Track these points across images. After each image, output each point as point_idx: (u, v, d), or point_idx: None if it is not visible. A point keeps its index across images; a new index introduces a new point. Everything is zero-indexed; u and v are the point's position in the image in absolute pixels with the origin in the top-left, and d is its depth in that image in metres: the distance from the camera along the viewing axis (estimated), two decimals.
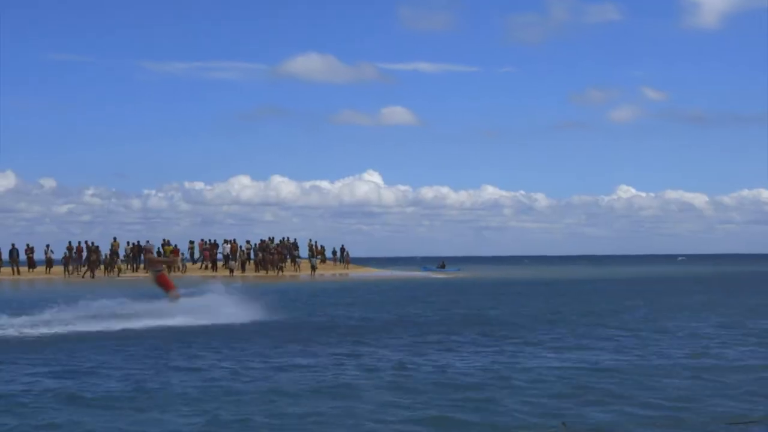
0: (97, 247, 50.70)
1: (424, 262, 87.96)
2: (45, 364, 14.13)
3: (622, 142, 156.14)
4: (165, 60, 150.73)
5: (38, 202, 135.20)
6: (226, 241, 53.34)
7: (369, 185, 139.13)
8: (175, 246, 51.97)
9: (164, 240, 52.15)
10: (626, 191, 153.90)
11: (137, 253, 50.28)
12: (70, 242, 50.39)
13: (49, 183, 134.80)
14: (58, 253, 50.83)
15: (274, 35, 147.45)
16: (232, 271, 51.54)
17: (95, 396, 11.28)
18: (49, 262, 51.43)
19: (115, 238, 51.23)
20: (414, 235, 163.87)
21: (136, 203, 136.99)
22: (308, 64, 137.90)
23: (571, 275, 61.33)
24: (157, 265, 24.20)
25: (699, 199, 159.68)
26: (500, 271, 70.83)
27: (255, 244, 54.73)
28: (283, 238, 54.49)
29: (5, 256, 50.28)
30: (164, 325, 20.12)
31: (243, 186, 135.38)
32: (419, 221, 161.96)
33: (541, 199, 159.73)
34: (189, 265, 52.35)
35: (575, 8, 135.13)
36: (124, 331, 19.18)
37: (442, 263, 74.62)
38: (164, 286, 23.22)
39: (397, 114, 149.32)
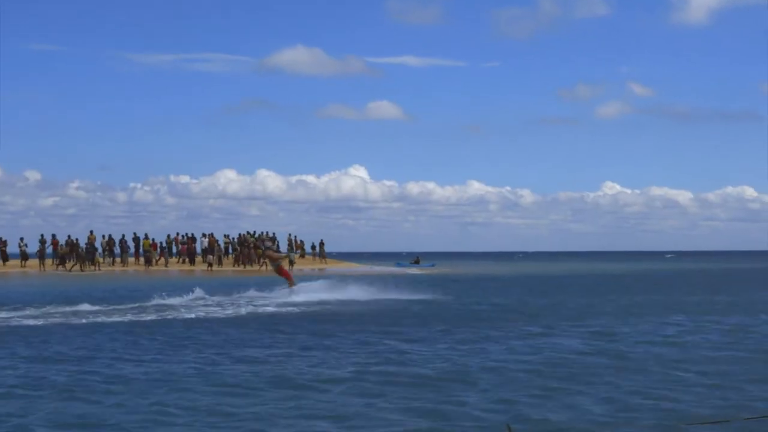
0: (77, 239, 50.23)
1: (404, 258, 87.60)
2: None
3: (609, 139, 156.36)
4: (151, 52, 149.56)
5: (23, 195, 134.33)
6: (204, 235, 52.92)
7: (355, 180, 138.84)
8: (153, 240, 51.49)
9: (145, 234, 51.91)
10: (611, 188, 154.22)
11: (113, 245, 49.81)
12: (42, 235, 49.68)
13: (33, 176, 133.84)
14: (32, 247, 50.30)
15: (262, 28, 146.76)
16: (210, 265, 51.16)
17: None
18: (23, 256, 50.82)
19: (91, 232, 50.69)
20: (400, 230, 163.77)
21: (121, 197, 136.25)
22: (295, 57, 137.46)
23: (555, 271, 61.15)
24: (277, 260, 30.02)
25: (683, 196, 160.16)
26: (480, 267, 70.51)
27: (234, 239, 54.31)
28: (263, 233, 53.98)
29: None
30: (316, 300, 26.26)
31: (229, 180, 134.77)
32: (405, 216, 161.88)
33: (527, 195, 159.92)
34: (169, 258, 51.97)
35: (564, 3, 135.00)
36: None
37: (416, 259, 74.39)
38: (284, 275, 29.04)
39: (384, 108, 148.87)
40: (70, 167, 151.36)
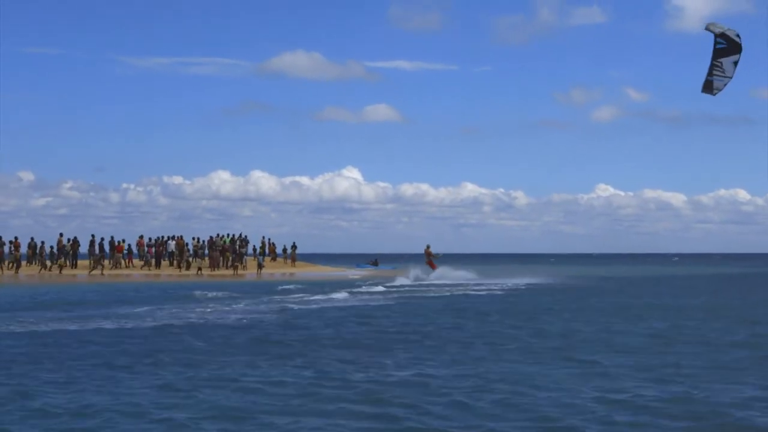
0: (43, 242, 49.21)
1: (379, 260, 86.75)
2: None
3: (602, 142, 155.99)
4: (149, 55, 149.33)
5: (15, 195, 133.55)
6: (171, 238, 51.79)
7: (349, 181, 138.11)
8: (119, 242, 50.35)
9: (121, 240, 50.88)
10: (605, 190, 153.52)
11: (77, 248, 48.73)
12: (0, 237, 48.47)
13: (27, 176, 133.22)
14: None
15: (264, 32, 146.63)
16: (180, 267, 50.06)
17: None
18: None
19: (61, 234, 49.40)
20: (393, 231, 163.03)
21: (114, 197, 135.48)
22: (295, 61, 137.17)
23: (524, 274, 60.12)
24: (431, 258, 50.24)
25: (677, 198, 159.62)
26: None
27: (204, 241, 53.11)
28: (233, 235, 52.97)
29: None
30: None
31: (223, 181, 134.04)
32: (398, 218, 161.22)
33: (521, 197, 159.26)
34: (135, 261, 50.80)
35: (562, 10, 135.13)
36: None
37: (375, 260, 74.02)
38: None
39: (381, 111, 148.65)
40: (64, 168, 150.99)
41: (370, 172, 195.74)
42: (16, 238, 48.40)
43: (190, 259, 51.20)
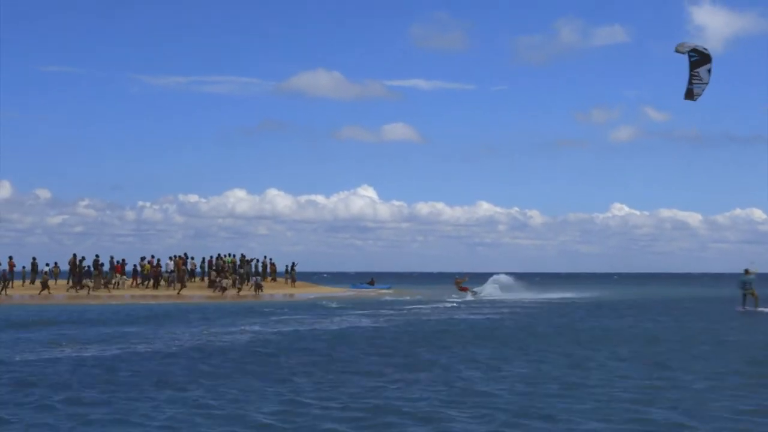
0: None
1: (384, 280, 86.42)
2: None
3: (619, 161, 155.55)
4: (164, 74, 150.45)
5: (32, 212, 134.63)
6: (170, 258, 51.63)
7: (364, 200, 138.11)
8: (118, 262, 50.16)
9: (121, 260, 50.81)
10: (620, 209, 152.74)
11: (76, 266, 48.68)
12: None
13: (44, 194, 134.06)
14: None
15: (283, 51, 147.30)
16: (181, 287, 49.79)
17: None
18: None
19: (74, 255, 48.99)
20: (408, 250, 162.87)
21: (130, 215, 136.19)
22: (315, 80, 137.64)
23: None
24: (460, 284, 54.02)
25: (693, 218, 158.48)
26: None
27: (206, 260, 52.96)
28: (234, 255, 52.86)
29: None
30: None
31: (238, 199, 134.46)
32: (413, 237, 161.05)
33: (536, 216, 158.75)
34: (128, 282, 50.42)
35: (584, 30, 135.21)
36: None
37: (371, 280, 73.64)
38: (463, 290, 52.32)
39: (399, 130, 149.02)
40: (81, 186, 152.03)
41: (386, 191, 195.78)
42: (10, 257, 48.42)
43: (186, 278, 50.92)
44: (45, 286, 46.81)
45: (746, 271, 39.55)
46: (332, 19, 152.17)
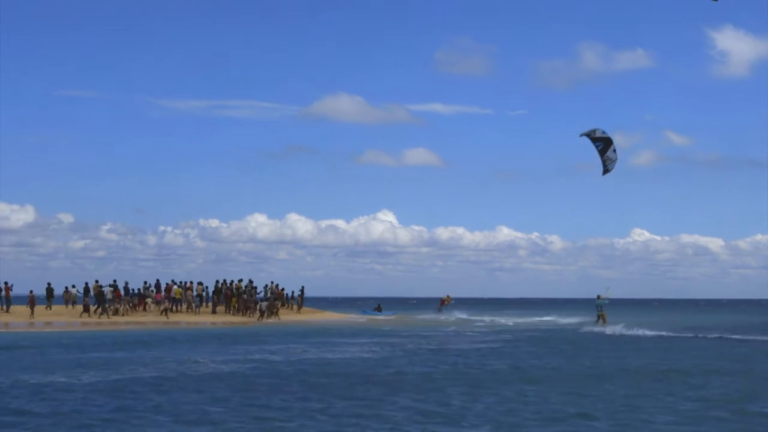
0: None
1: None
2: None
3: (639, 185, 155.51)
4: (186, 98, 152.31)
5: (55, 237, 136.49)
6: (177, 283, 52.65)
7: (384, 225, 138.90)
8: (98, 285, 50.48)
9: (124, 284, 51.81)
10: (640, 234, 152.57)
11: (87, 293, 49.91)
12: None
13: (67, 218, 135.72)
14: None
15: (308, 76, 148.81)
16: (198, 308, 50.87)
17: None
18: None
19: (96, 281, 50.11)
20: (427, 275, 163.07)
21: (151, 239, 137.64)
22: (337, 105, 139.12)
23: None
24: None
25: (714, 243, 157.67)
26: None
27: (219, 285, 53.83)
28: (249, 281, 53.97)
29: None
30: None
31: (259, 224, 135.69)
32: (433, 261, 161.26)
33: (556, 241, 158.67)
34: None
35: (606, 54, 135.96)
36: None
37: (378, 306, 74.21)
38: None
39: (420, 155, 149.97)
40: (103, 210, 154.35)
41: (406, 216, 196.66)
42: (6, 283, 49.01)
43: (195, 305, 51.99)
44: (86, 308, 47.97)
45: (599, 297, 48.04)
46: (354, 43, 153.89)
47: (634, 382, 19.95)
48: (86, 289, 49.42)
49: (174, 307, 50.65)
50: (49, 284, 50.85)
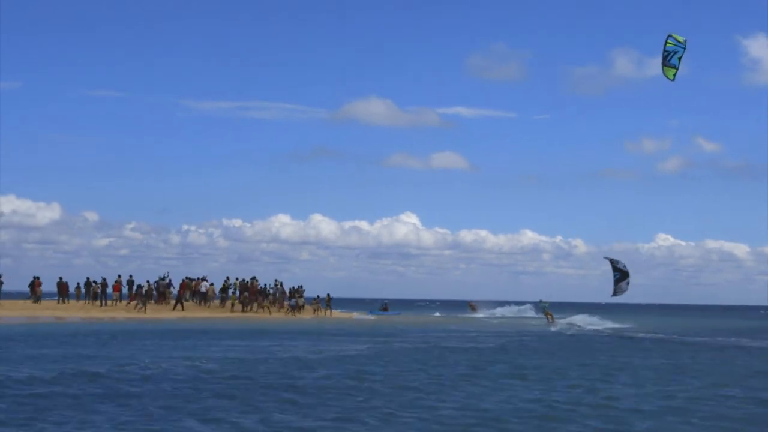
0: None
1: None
2: None
3: (665, 191, 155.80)
4: (212, 99, 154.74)
5: (80, 234, 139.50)
6: (194, 280, 55.17)
7: (408, 227, 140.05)
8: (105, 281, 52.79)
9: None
10: (665, 239, 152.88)
11: (105, 287, 52.27)
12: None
13: (92, 216, 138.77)
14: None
15: (337, 78, 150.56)
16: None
17: None
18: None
19: (119, 276, 52.81)
20: (449, 278, 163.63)
21: (175, 238, 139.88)
22: (367, 108, 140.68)
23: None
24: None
25: (740, 249, 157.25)
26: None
27: (233, 282, 55.90)
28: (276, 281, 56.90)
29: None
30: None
31: (282, 224, 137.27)
32: (456, 264, 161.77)
33: (580, 246, 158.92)
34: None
35: (638, 60, 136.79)
36: None
37: (384, 306, 74.72)
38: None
39: (448, 158, 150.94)
40: (128, 209, 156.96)
41: (429, 218, 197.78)
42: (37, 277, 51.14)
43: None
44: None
45: (541, 300, 61.85)
46: (385, 46, 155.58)
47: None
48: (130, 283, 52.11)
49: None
50: (60, 278, 51.95)
